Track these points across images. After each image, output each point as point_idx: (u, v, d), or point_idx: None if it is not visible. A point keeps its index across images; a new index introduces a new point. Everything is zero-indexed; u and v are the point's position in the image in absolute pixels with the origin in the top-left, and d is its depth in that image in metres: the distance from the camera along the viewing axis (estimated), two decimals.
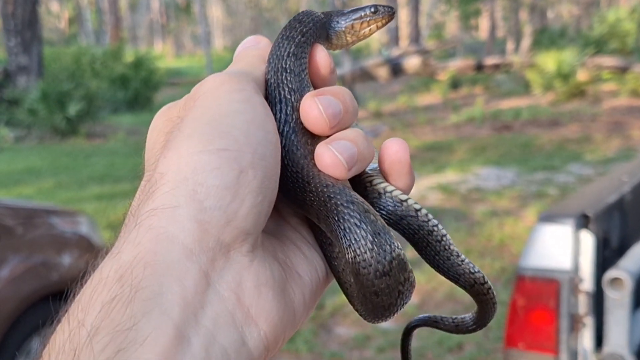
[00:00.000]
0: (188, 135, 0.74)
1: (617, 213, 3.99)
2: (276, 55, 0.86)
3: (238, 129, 0.74)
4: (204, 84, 0.79)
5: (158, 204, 0.71)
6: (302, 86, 0.85)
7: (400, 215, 0.84)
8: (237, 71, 0.83)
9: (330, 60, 0.90)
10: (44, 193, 13.00)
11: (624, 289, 3.56)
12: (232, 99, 0.76)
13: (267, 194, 0.74)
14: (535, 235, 3.71)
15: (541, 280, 3.64)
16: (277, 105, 0.83)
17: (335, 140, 0.81)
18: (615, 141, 15.65)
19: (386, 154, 0.85)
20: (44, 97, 19.01)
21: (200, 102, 0.77)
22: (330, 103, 0.81)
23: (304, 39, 0.88)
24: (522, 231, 9.20)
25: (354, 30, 0.96)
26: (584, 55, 23.16)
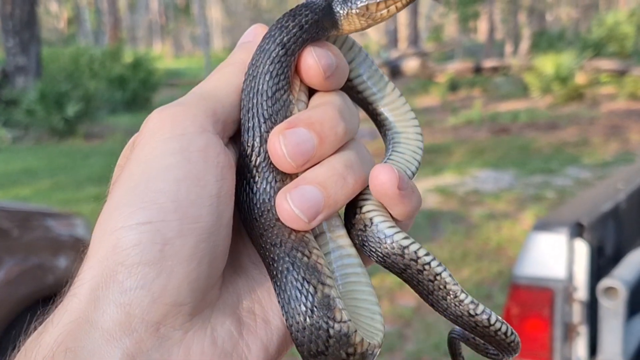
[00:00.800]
0: (113, 207, 0.70)
1: (611, 221, 3.99)
2: (251, 72, 0.78)
3: (165, 193, 0.69)
4: (147, 123, 0.75)
5: (80, 281, 0.68)
6: (278, 109, 0.77)
7: (385, 253, 0.77)
8: (195, 98, 0.77)
9: (323, 66, 0.79)
10: (41, 194, 12.98)
11: (618, 298, 3.56)
12: (166, 150, 0.71)
13: (207, 255, 0.70)
14: (530, 243, 3.70)
15: (535, 289, 3.63)
16: (245, 134, 0.77)
17: (296, 187, 0.74)
18: (613, 145, 15.64)
19: (372, 184, 0.77)
20: (42, 97, 18.97)
21: (135, 156, 0.72)
22: (299, 139, 0.74)
23: (285, 50, 0.78)
24: (520, 234, 9.19)
25: (370, 12, 0.83)
26: (583, 58, 23.16)
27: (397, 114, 0.89)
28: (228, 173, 0.73)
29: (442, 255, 8.50)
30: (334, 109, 0.78)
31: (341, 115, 0.78)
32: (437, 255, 0.81)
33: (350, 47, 0.88)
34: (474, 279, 7.86)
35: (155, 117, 0.74)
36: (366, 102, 0.89)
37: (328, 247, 0.78)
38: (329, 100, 0.80)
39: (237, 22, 67.43)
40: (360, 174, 0.78)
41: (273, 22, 0.80)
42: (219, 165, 0.72)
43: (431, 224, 10.15)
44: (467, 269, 8.15)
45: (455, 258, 8.52)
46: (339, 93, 0.83)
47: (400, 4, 0.84)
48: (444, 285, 0.76)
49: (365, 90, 0.88)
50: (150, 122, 0.74)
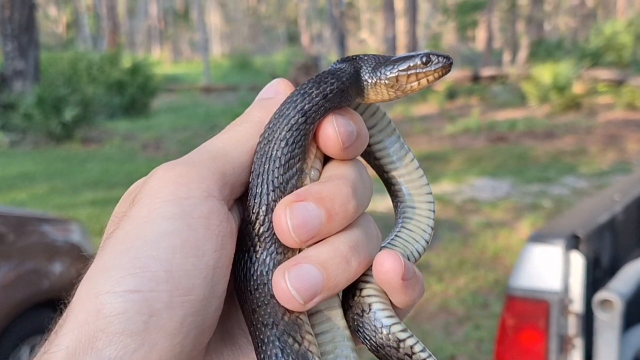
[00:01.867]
0: (101, 269, 0.66)
1: (608, 233, 3.97)
2: (266, 136, 0.74)
3: (158, 261, 0.65)
4: (151, 180, 0.71)
5: (58, 342, 0.65)
6: (289, 179, 0.73)
7: (379, 343, 0.74)
8: (203, 157, 0.73)
9: (343, 137, 0.75)
10: (38, 198, 12.95)
11: (613, 310, 3.53)
12: (166, 213, 0.67)
13: (195, 329, 0.67)
14: (526, 255, 3.68)
15: (531, 301, 3.62)
16: (251, 200, 0.73)
17: (296, 265, 0.70)
18: (610, 154, 15.65)
19: (376, 270, 0.74)
20: (40, 102, 18.96)
21: (132, 215, 0.69)
22: (306, 215, 0.70)
23: (305, 118, 0.74)
24: (516, 243, 9.17)
25: (399, 84, 0.80)
26: (580, 67, 23.18)
27: (413, 187, 0.86)
28: (228, 242, 0.70)
29: (438, 264, 8.52)
30: (347, 184, 0.75)
31: (354, 192, 0.75)
32: (433, 263, 0.81)
33: (373, 113, 0.85)
34: (470, 287, 7.85)
35: (160, 175, 0.71)
36: (382, 170, 0.86)
37: (322, 326, 0.75)
38: (343, 174, 0.76)
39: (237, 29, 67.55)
40: (365, 255, 0.74)
41: (271, 29, 0.76)
42: (220, 234, 0.69)
43: None
44: (464, 278, 8.14)
45: (452, 266, 8.51)
46: (356, 163, 0.79)
47: (432, 77, 0.81)
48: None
49: (383, 158, 0.85)
50: (153, 179, 0.71)
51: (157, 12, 63.30)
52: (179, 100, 29.66)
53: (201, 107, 26.84)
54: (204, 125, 21.76)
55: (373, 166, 0.86)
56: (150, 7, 62.49)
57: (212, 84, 34.00)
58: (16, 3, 20.89)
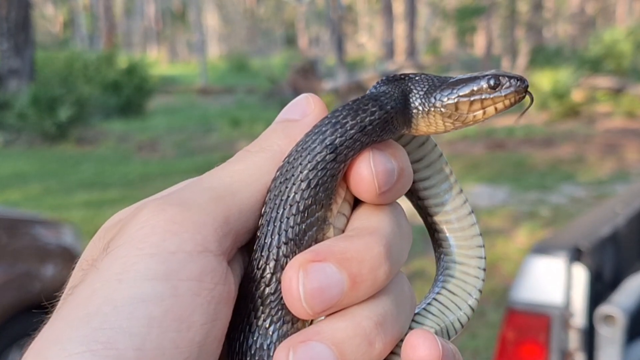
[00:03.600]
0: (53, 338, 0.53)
1: (610, 246, 3.93)
2: (284, 172, 0.61)
3: (129, 336, 0.51)
4: (134, 222, 0.57)
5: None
6: (307, 229, 0.60)
7: None
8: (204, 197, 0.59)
9: (380, 180, 0.62)
10: (31, 199, 12.89)
11: (616, 325, 3.50)
12: (144, 272, 0.54)
13: None
14: (527, 267, 3.64)
15: (532, 315, 3.57)
16: (258, 252, 0.60)
17: (305, 343, 0.57)
18: (609, 163, 15.62)
19: (407, 355, 0.60)
20: (35, 101, 18.90)
21: (103, 267, 0.55)
22: (324, 280, 0.57)
23: (334, 155, 0.60)
24: (513, 252, 9.14)
25: (459, 113, 0.67)
26: (580, 75, 23.20)
27: (461, 238, 0.73)
28: (223, 310, 0.57)
29: (434, 271, 8.30)
30: (380, 242, 0.60)
31: (388, 252, 0.60)
32: (429, 270, 0.70)
33: (421, 144, 0.71)
34: None
35: (145, 218, 0.57)
36: (425, 212, 0.73)
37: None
38: (376, 227, 0.62)
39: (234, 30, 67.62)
40: (394, 333, 0.61)
41: (269, 32, 0.63)
42: (213, 301, 0.55)
43: (424, 238, 10.01)
44: None
45: None
46: (393, 210, 0.65)
47: (501, 105, 0.67)
48: None
49: (428, 198, 0.72)
50: (136, 223, 0.57)
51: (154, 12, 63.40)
52: (175, 102, 29.66)
53: (197, 109, 26.82)
54: (200, 127, 21.75)
55: (415, 206, 0.73)
56: (148, 8, 62.58)
57: (208, 86, 34.04)
58: (12, 2, 20.89)
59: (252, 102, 27.26)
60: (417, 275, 7.39)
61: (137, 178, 14.51)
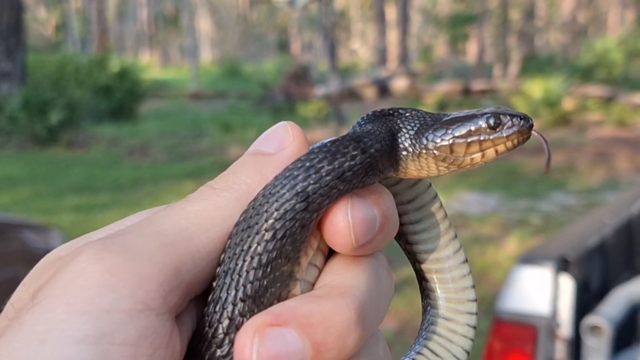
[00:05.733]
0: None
1: (597, 257, 3.93)
2: (248, 217, 0.53)
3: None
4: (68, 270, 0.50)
5: None
6: (269, 286, 0.53)
7: None
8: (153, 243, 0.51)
9: (360, 230, 0.54)
10: (21, 202, 12.83)
11: (602, 336, 3.50)
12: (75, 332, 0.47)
13: None
14: (514, 277, 3.63)
15: (518, 325, 3.56)
16: (211, 306, 0.53)
17: None
18: (600, 171, 15.64)
19: None
20: (26, 104, 18.81)
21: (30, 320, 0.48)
22: (281, 348, 0.49)
23: (305, 204, 0.53)
24: (503, 260, 9.14)
25: (454, 156, 0.60)
26: (571, 83, 23.25)
27: (451, 290, 0.65)
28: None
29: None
30: (351, 305, 0.52)
31: (360, 316, 0.52)
32: None
33: (414, 184, 0.64)
34: None
35: (81, 266, 0.50)
36: (414, 258, 0.65)
37: None
38: (349, 285, 0.54)
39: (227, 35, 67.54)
40: None
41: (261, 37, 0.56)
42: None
43: None
44: None
45: None
46: (373, 262, 0.57)
47: (503, 147, 0.62)
48: None
49: (417, 244, 0.64)
50: (70, 271, 0.50)
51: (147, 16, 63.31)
52: (167, 106, 29.57)
53: (189, 114, 26.74)
54: (192, 132, 21.68)
55: (403, 249, 0.65)
56: (140, 12, 62.46)
57: (201, 91, 33.97)
58: (4, 5, 20.80)
59: (244, 108, 27.19)
60: (407, 283, 7.38)
61: (128, 182, 14.46)
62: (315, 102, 23.68)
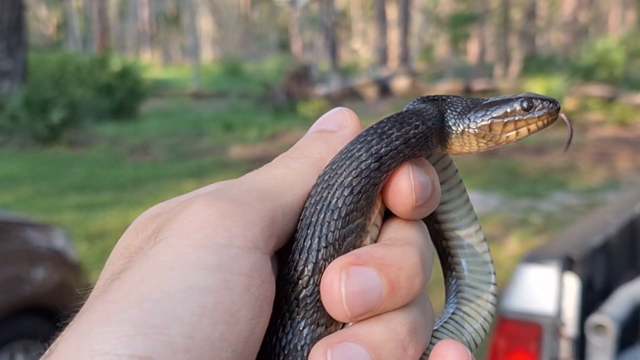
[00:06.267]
0: (105, 317, 0.51)
1: (601, 256, 3.93)
2: (326, 178, 0.61)
3: (181, 323, 0.50)
4: (185, 214, 0.57)
5: None
6: (347, 235, 0.60)
7: None
8: (251, 196, 0.58)
9: (418, 193, 0.63)
10: (23, 201, 12.83)
11: (607, 335, 3.51)
12: (199, 262, 0.53)
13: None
14: (519, 276, 3.63)
15: (523, 323, 3.57)
16: (296, 254, 0.60)
17: (341, 343, 0.57)
18: (600, 171, 15.64)
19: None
20: (27, 103, 18.80)
21: (152, 255, 0.55)
22: (364, 284, 0.57)
23: (378, 164, 0.61)
24: (504, 259, 9.11)
25: (492, 134, 0.69)
26: (572, 83, 23.24)
27: (475, 263, 0.73)
28: (266, 309, 0.56)
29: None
30: (416, 252, 0.61)
31: (423, 263, 0.61)
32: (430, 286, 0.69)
33: (445, 167, 0.72)
34: None
35: (197, 210, 0.56)
36: (441, 236, 0.73)
37: None
38: (410, 238, 0.63)
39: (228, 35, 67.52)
40: (423, 342, 0.61)
41: (262, 37, 0.62)
42: (260, 298, 0.55)
43: None
44: None
45: (440, 280, 8.41)
46: (422, 226, 0.66)
47: (535, 126, 0.69)
48: None
49: (446, 222, 0.72)
50: (187, 215, 0.56)
51: (148, 15, 63.29)
52: (168, 106, 29.56)
53: (190, 113, 26.75)
54: (193, 132, 21.68)
55: (431, 230, 0.72)
56: (141, 11, 62.44)
57: (202, 90, 33.96)
58: (5, 3, 20.80)
59: (245, 107, 27.18)
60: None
61: (129, 181, 14.46)
62: (316, 102, 23.64)
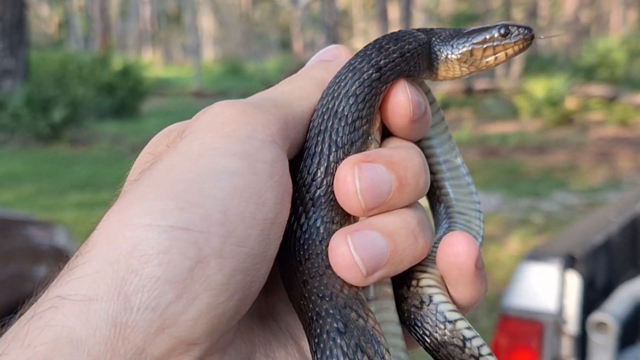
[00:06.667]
0: (142, 196, 0.55)
1: (603, 254, 3.93)
2: (331, 91, 0.66)
3: (215, 200, 0.54)
4: (206, 114, 0.62)
5: (70, 289, 0.53)
6: (354, 141, 0.64)
7: (441, 340, 0.63)
8: (265, 103, 0.63)
9: (414, 106, 0.67)
10: (24, 199, 12.83)
11: (608, 332, 3.50)
12: (225, 149, 0.57)
13: (241, 291, 0.55)
14: (521, 273, 3.63)
15: (525, 321, 3.56)
16: (308, 159, 0.64)
17: (360, 231, 0.61)
18: (602, 171, 15.63)
19: (444, 252, 0.64)
20: (28, 101, 18.80)
21: (182, 146, 0.59)
22: (376, 177, 0.62)
23: (379, 74, 0.65)
24: (505, 259, 9.12)
25: (473, 59, 0.73)
26: (573, 83, 23.20)
27: (461, 193, 0.79)
28: (287, 200, 0.60)
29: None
30: (419, 155, 0.67)
31: (425, 164, 0.67)
32: None
33: (430, 103, 0.75)
34: None
35: (218, 110, 0.62)
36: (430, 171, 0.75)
37: None
38: (411, 145, 0.69)
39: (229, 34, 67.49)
40: (430, 238, 0.66)
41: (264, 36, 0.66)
42: (282, 187, 0.59)
43: None
44: None
45: None
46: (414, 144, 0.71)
47: (511, 51, 0.74)
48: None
49: (432, 157, 0.78)
50: (209, 114, 0.62)
51: (150, 14, 63.24)
52: (170, 104, 29.53)
53: (191, 112, 25.71)
54: None
55: None
56: (143, 10, 62.40)
57: (203, 89, 33.90)
58: (7, 2, 20.77)
59: None
60: None
61: None
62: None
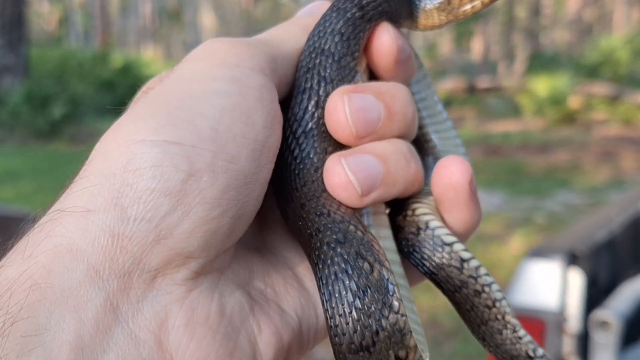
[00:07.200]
0: (136, 117, 0.57)
1: (606, 252, 3.93)
2: (317, 31, 0.67)
3: (205, 117, 0.56)
4: (197, 48, 0.64)
5: (69, 203, 0.55)
6: (342, 76, 0.66)
7: (439, 263, 0.65)
8: (253, 40, 0.65)
9: (398, 45, 0.68)
10: (24, 196, 12.85)
11: (610, 331, 3.50)
12: (215, 75, 0.59)
13: (234, 208, 0.56)
14: (523, 271, 3.63)
15: (526, 319, 3.58)
16: (299, 96, 0.66)
17: (354, 154, 0.63)
18: (604, 171, 15.62)
19: (439, 175, 0.67)
20: (28, 98, 18.84)
21: (174, 75, 0.61)
22: (365, 105, 0.63)
23: (362, 13, 0.67)
24: (507, 258, 9.11)
25: (451, 7, 0.73)
26: (576, 82, 23.20)
27: (448, 145, 0.80)
28: (277, 127, 0.61)
29: None
30: (404, 89, 0.68)
31: (411, 97, 0.68)
32: None
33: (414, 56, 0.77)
34: None
35: (207, 44, 0.63)
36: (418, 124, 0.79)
37: None
38: (397, 83, 0.69)
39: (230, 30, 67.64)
40: (420, 167, 0.67)
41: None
42: (271, 112, 0.60)
43: None
44: None
45: None
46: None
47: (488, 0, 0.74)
48: (502, 315, 0.64)
49: (420, 110, 0.78)
50: (201, 46, 0.63)
51: (150, 11, 63.37)
52: None
53: None
54: None
55: None
56: (143, 7, 62.53)
57: None
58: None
59: None
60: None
61: None
62: None
